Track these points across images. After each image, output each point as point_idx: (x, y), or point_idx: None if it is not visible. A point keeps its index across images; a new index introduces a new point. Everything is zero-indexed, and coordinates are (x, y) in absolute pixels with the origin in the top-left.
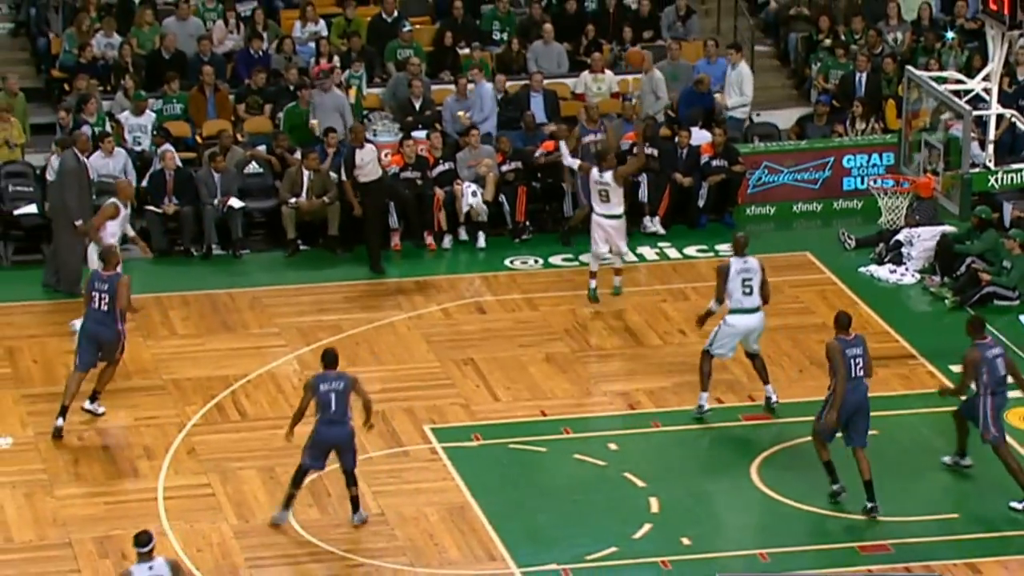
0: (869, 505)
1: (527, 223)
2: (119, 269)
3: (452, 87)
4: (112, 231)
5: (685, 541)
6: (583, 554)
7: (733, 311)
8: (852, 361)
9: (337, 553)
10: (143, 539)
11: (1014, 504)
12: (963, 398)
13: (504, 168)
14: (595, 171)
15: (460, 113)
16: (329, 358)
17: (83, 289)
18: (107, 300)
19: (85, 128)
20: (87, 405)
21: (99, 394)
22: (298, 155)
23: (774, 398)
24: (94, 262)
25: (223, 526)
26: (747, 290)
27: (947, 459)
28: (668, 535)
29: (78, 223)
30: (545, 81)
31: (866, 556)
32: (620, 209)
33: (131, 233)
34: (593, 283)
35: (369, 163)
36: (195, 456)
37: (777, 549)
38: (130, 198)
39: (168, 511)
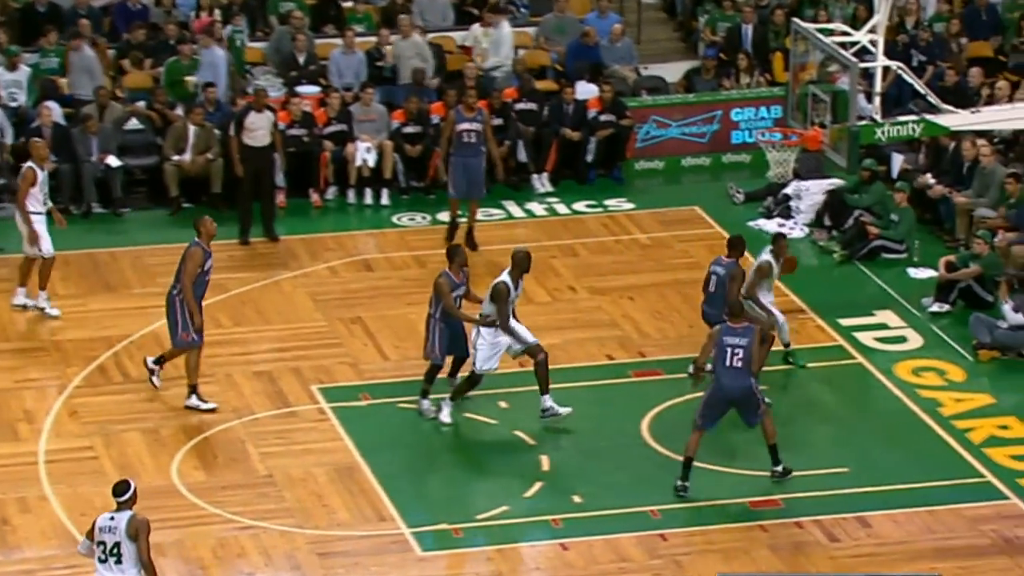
0: (778, 469)
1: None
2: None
3: (336, 41)
4: (38, 198)
5: (576, 499)
6: (474, 513)
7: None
8: (730, 350)
9: (224, 516)
10: (119, 488)
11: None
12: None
13: (406, 130)
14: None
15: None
16: None
17: None
18: None
19: None
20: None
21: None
22: (179, 111)
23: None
24: (45, 236)
25: (106, 490)
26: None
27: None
28: (559, 493)
29: None
30: (431, 35)
31: (757, 511)
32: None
33: (49, 203)
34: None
35: (260, 129)
36: (77, 419)
37: (668, 505)
38: (46, 160)
39: (50, 475)
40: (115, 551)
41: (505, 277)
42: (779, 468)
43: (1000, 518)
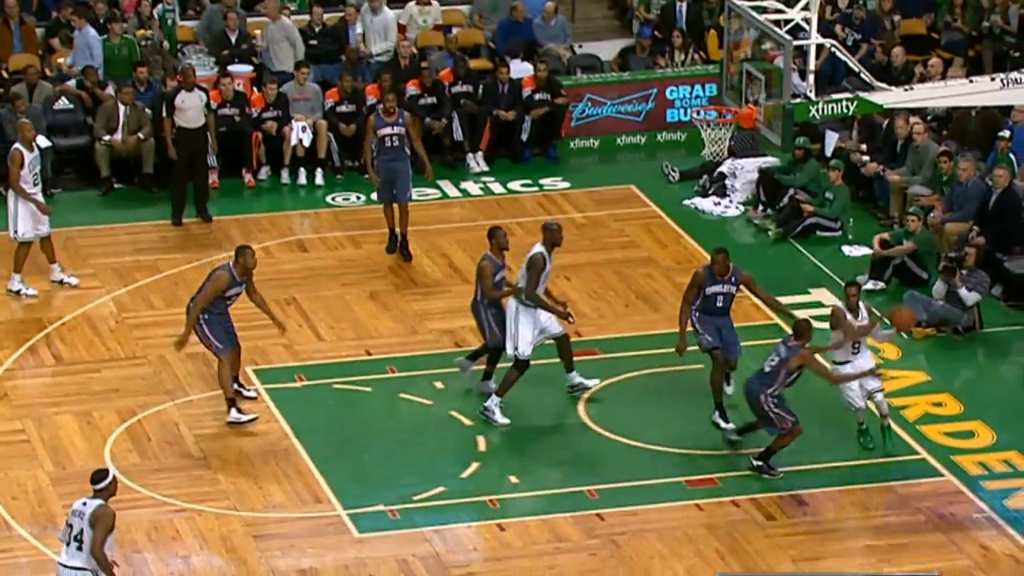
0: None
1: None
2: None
3: (268, 20)
4: (27, 179)
5: (513, 479)
6: (410, 494)
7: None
8: (773, 354)
9: (158, 499)
10: (95, 476)
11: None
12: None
13: (340, 109)
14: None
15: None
16: None
17: None
18: None
19: None
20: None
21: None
22: (110, 90)
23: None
24: (24, 219)
25: (39, 473)
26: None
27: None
28: (495, 473)
29: None
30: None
31: (693, 490)
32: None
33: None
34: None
35: (191, 109)
36: (8, 402)
37: (605, 485)
38: (32, 141)
39: None
40: (79, 537)
41: (540, 248)
42: (759, 463)
43: (935, 495)
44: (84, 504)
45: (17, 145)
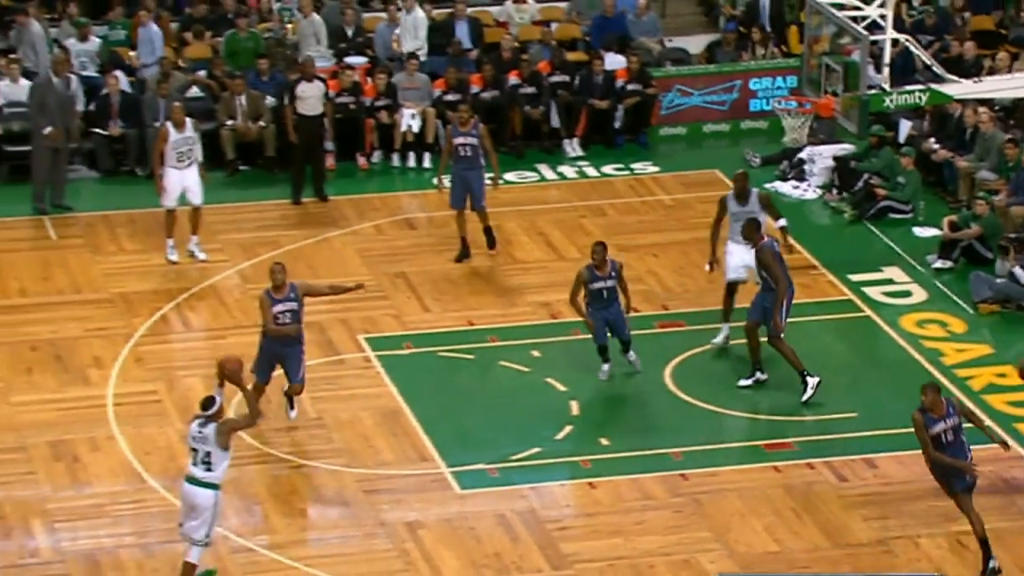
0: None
1: None
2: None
3: (382, 15)
4: (172, 155)
5: (603, 441)
6: (508, 454)
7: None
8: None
9: (277, 455)
10: (205, 404)
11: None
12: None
13: (447, 98)
14: None
15: (395, 36)
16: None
17: None
18: None
19: None
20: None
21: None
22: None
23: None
24: (169, 189)
25: (169, 430)
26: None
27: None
28: (587, 436)
29: (45, 131)
30: (470, 9)
31: (771, 453)
32: None
33: (199, 158)
34: None
35: (311, 98)
36: (142, 365)
37: (688, 448)
38: (181, 122)
39: (117, 416)
40: (207, 459)
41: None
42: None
43: (998, 459)
44: (201, 431)
45: (167, 123)
